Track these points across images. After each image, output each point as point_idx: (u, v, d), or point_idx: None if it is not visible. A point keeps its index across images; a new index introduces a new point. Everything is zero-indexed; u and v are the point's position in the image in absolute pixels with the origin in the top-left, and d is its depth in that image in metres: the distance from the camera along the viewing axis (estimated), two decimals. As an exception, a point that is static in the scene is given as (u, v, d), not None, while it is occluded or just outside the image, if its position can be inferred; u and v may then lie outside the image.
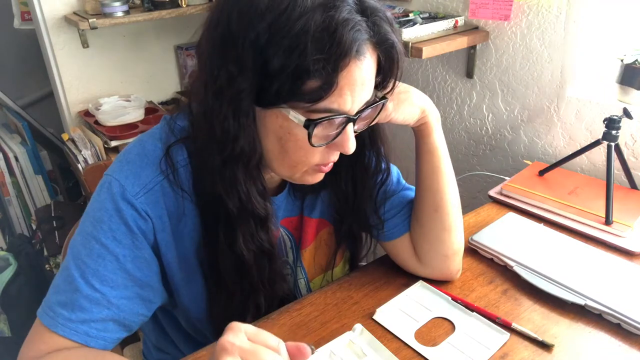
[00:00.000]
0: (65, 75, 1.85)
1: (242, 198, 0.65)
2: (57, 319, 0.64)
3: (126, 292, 0.67)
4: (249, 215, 0.66)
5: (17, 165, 2.07)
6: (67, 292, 0.65)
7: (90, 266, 0.65)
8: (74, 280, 0.65)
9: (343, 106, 0.59)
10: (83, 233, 0.68)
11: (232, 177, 0.63)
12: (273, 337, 0.54)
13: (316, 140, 0.60)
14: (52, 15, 1.76)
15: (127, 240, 0.66)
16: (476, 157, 1.49)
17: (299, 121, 0.58)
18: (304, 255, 0.84)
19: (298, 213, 0.82)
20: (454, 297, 0.79)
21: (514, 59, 1.29)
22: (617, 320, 0.73)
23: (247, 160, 0.62)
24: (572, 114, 1.21)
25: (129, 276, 0.67)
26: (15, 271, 1.69)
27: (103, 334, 0.66)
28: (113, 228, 0.66)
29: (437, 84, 1.52)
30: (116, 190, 0.66)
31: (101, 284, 0.65)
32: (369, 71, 0.60)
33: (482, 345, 0.71)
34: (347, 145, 0.63)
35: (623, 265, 0.85)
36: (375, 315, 0.76)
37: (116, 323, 0.67)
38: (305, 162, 0.65)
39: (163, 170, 0.67)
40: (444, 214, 0.79)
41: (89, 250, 0.66)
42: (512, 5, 1.23)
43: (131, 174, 0.67)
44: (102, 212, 0.66)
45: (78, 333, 0.65)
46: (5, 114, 2.26)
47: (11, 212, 2.12)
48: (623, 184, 1.10)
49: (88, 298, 0.65)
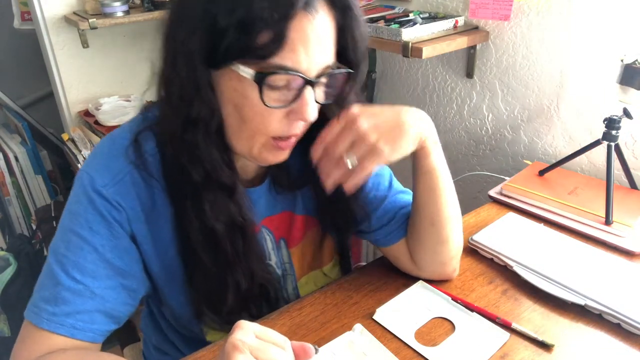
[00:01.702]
0: (65, 75, 1.85)
1: (206, 166, 0.64)
2: (42, 314, 0.64)
3: (109, 282, 0.67)
4: (215, 184, 0.65)
5: (17, 165, 2.07)
6: (49, 287, 0.66)
7: (70, 258, 0.65)
8: (55, 274, 0.65)
9: (297, 64, 0.57)
10: (61, 228, 0.68)
11: (194, 142, 0.62)
12: (280, 335, 0.54)
13: (269, 100, 0.59)
14: (52, 15, 1.76)
15: (104, 230, 0.66)
16: (476, 157, 1.49)
17: (249, 75, 0.57)
18: (293, 253, 0.83)
19: (280, 210, 0.80)
20: (454, 297, 0.79)
21: (514, 59, 1.29)
22: (617, 320, 0.73)
23: (206, 124, 0.62)
24: (572, 114, 1.21)
25: (110, 266, 0.67)
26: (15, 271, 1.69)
27: (90, 325, 0.66)
28: (89, 219, 0.66)
29: (437, 84, 1.52)
30: (87, 183, 0.67)
31: (82, 275, 0.65)
32: (324, 30, 0.59)
33: (482, 345, 0.71)
34: (305, 110, 0.60)
35: (623, 265, 0.85)
36: (375, 315, 0.76)
37: (102, 314, 0.67)
38: (262, 131, 0.62)
39: (131, 160, 0.67)
40: (441, 227, 0.77)
41: (68, 243, 0.66)
42: (512, 5, 1.23)
43: (100, 165, 0.67)
44: (77, 205, 0.67)
45: (64, 326, 0.64)
46: (5, 114, 2.26)
47: (11, 212, 2.12)
48: (623, 184, 1.10)
49: (70, 290, 0.65)
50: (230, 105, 0.61)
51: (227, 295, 0.72)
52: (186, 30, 0.58)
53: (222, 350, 0.53)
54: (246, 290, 0.73)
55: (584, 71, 1.17)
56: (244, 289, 0.73)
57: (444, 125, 1.54)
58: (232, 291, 0.72)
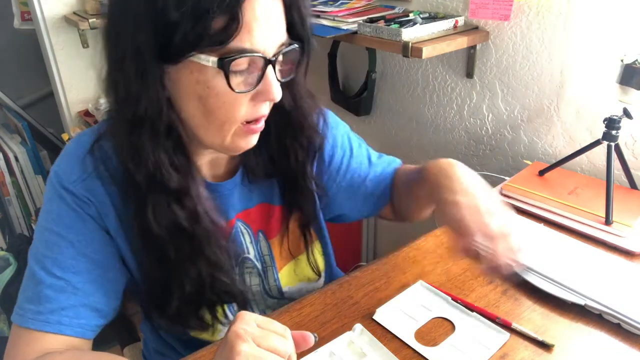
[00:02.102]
0: (65, 75, 1.85)
1: (150, 167, 0.62)
2: (26, 314, 0.65)
3: (89, 275, 0.67)
4: (158, 187, 0.64)
5: (17, 165, 2.07)
6: (31, 287, 0.66)
7: (49, 256, 0.66)
8: (35, 274, 0.66)
9: (255, 45, 0.58)
10: (38, 228, 0.69)
11: (139, 143, 0.61)
12: (280, 325, 0.55)
13: (237, 85, 0.59)
14: (52, 15, 1.76)
15: (78, 224, 0.67)
16: (476, 157, 1.49)
17: (212, 63, 0.57)
18: (273, 244, 0.83)
19: (257, 203, 0.81)
20: (454, 297, 0.79)
21: (514, 59, 1.29)
22: (617, 320, 0.73)
23: (153, 123, 0.61)
24: (572, 114, 1.21)
25: (89, 260, 0.67)
26: (15, 271, 1.69)
27: (76, 320, 0.66)
28: (62, 215, 0.66)
29: (437, 84, 1.52)
30: (55, 181, 0.68)
31: (63, 272, 0.65)
32: (275, 8, 0.59)
33: (482, 345, 0.71)
34: (271, 90, 0.61)
35: (623, 265, 0.85)
36: (375, 315, 0.76)
37: (87, 308, 0.67)
38: (231, 119, 0.62)
39: (93, 161, 0.67)
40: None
41: (45, 242, 0.66)
42: (512, 5, 1.23)
43: (66, 164, 0.68)
44: (49, 204, 0.68)
45: (50, 323, 0.64)
46: (5, 114, 2.26)
47: (11, 212, 2.12)
48: (623, 184, 1.10)
49: (52, 287, 0.65)
50: (194, 99, 0.61)
51: (171, 298, 0.71)
52: (133, 29, 0.57)
53: (223, 340, 0.53)
54: (194, 295, 0.72)
55: (584, 71, 1.17)
56: (190, 292, 0.71)
57: (444, 125, 1.54)
58: (177, 296, 0.71)
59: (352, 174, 0.88)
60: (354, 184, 0.88)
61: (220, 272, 0.73)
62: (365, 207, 0.91)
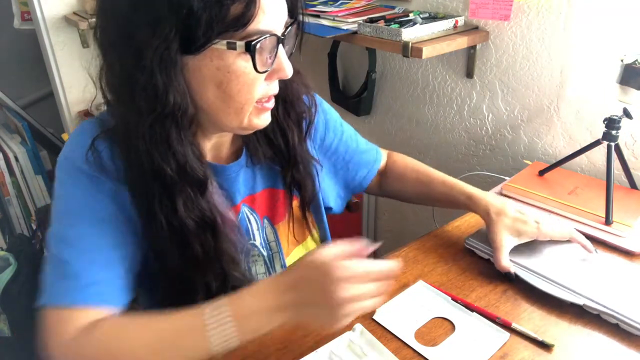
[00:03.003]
0: (65, 75, 1.85)
1: (180, 160, 0.63)
2: (61, 292, 0.63)
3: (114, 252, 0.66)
4: (187, 180, 0.65)
5: (17, 165, 2.07)
6: (58, 269, 0.65)
7: (71, 235, 0.65)
8: (59, 256, 0.65)
9: (270, 25, 0.61)
10: (56, 214, 0.68)
11: (165, 137, 0.62)
12: (364, 266, 0.58)
13: (260, 65, 0.62)
14: (52, 15, 1.76)
15: (97, 200, 0.66)
16: (476, 157, 1.49)
17: (239, 47, 0.60)
18: (279, 229, 0.84)
19: (261, 188, 0.81)
20: (454, 297, 0.79)
21: (514, 59, 1.29)
22: (615, 320, 0.73)
23: (180, 117, 0.62)
24: (572, 114, 1.21)
25: (110, 236, 0.66)
26: (15, 271, 1.69)
27: (110, 293, 0.65)
28: (78, 195, 0.66)
29: (437, 84, 1.52)
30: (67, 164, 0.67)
31: (88, 249, 0.65)
32: None
33: (482, 345, 0.71)
34: (285, 67, 0.65)
35: (623, 265, 0.85)
36: (375, 315, 0.77)
37: (117, 282, 0.66)
38: (250, 100, 0.65)
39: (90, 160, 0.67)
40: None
41: (66, 224, 0.66)
42: (512, 5, 1.23)
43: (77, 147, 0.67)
44: (64, 188, 0.68)
45: (88, 295, 0.63)
46: (5, 114, 2.26)
47: (11, 212, 2.12)
48: (623, 184, 1.10)
49: (80, 264, 0.64)
50: (212, 86, 0.63)
51: (196, 297, 0.70)
52: (152, 25, 0.57)
53: (312, 265, 0.58)
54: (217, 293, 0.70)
55: (584, 71, 1.17)
56: (215, 291, 0.71)
57: (444, 125, 1.54)
58: (202, 294, 0.71)
59: (337, 156, 0.92)
60: (337, 165, 0.93)
61: (236, 268, 0.73)
62: (343, 190, 0.96)
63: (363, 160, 0.95)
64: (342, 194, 0.96)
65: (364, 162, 0.96)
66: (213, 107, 0.65)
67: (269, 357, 0.70)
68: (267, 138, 0.79)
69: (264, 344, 0.72)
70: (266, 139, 0.79)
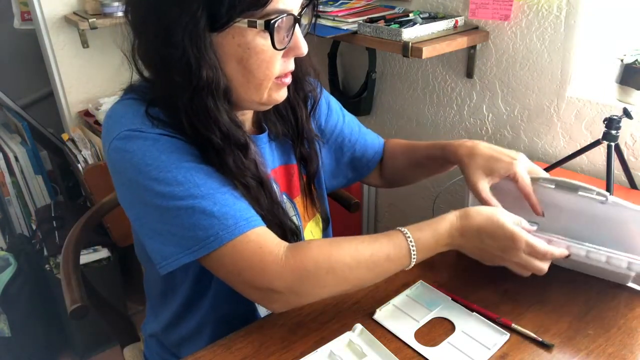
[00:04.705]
0: (65, 75, 1.85)
1: (222, 127, 0.67)
2: (237, 223, 0.65)
3: (227, 185, 0.69)
4: (232, 145, 0.68)
5: (17, 165, 2.07)
6: (201, 219, 0.65)
7: (190, 187, 0.65)
8: (193, 208, 0.65)
9: (288, 5, 0.64)
10: (151, 185, 0.65)
11: (204, 108, 0.66)
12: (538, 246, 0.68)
13: (278, 43, 0.65)
14: (52, 15, 1.76)
15: (184, 152, 0.67)
16: (476, 157, 1.49)
17: (259, 25, 0.63)
18: (297, 202, 0.86)
19: (278, 164, 0.84)
20: (454, 297, 0.79)
21: (514, 59, 1.29)
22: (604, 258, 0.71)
23: (214, 88, 0.65)
24: (572, 114, 1.21)
25: (213, 171, 0.68)
26: (15, 271, 1.69)
27: (257, 217, 0.68)
28: (155, 157, 0.66)
29: (437, 84, 1.52)
30: (135, 135, 0.66)
31: (213, 188, 0.66)
32: None
33: (482, 345, 0.71)
34: (301, 45, 0.69)
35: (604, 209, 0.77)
36: (375, 315, 0.77)
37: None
38: (269, 76, 0.68)
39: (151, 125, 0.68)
40: None
41: (177, 184, 0.65)
42: (512, 5, 1.23)
43: (127, 120, 0.68)
44: (145, 158, 0.66)
45: (252, 218, 0.66)
46: (5, 114, 2.26)
47: (11, 212, 2.12)
48: (623, 184, 1.10)
49: (219, 203, 0.65)
50: (234, 62, 0.66)
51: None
52: (179, 5, 0.61)
53: (500, 228, 0.68)
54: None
55: (583, 71, 1.17)
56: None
57: (444, 125, 1.54)
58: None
59: (343, 138, 0.95)
60: (344, 147, 0.95)
61: (288, 218, 0.77)
62: (352, 172, 0.98)
63: (369, 142, 0.98)
64: (349, 175, 0.98)
65: (369, 144, 0.98)
66: (235, 83, 0.68)
67: (269, 357, 0.70)
68: (279, 114, 0.83)
69: (264, 344, 0.72)
70: (279, 115, 0.83)
